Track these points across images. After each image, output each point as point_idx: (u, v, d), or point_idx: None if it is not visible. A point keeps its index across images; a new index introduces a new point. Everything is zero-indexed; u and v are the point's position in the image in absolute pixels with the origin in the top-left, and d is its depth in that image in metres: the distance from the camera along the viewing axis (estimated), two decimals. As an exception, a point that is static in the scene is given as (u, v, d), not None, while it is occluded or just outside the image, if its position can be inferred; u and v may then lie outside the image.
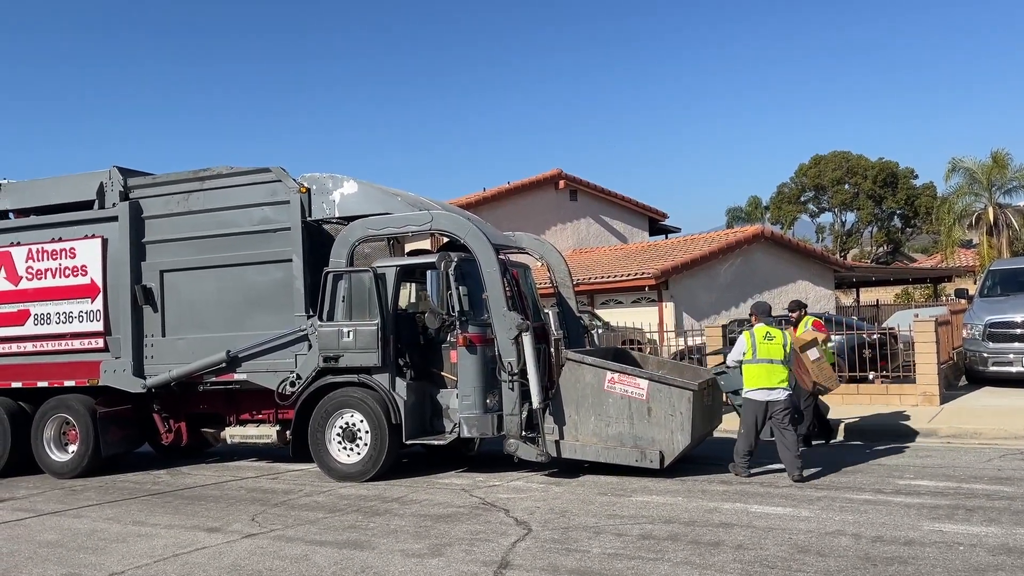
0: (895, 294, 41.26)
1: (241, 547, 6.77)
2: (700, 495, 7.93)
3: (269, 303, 10.00)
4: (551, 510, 7.53)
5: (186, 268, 10.43)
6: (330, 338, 9.45)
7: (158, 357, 10.47)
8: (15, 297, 10.98)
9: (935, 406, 12.48)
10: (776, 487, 8.17)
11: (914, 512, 6.92)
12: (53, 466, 10.75)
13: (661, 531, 6.63)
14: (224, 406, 10.75)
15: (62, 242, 10.84)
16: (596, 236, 27.44)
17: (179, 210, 10.47)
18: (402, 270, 9.70)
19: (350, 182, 10.00)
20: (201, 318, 10.35)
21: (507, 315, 8.91)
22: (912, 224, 50.78)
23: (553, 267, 11.12)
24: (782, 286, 22.86)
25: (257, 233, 10.11)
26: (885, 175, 48.52)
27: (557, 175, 26.09)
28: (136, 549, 6.87)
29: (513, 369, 8.85)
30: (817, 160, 50.47)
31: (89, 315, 10.67)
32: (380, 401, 9.27)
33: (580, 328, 10.89)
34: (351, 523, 7.40)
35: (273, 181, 10.07)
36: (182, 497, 9.10)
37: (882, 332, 14.70)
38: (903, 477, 8.42)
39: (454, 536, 6.77)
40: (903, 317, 18.95)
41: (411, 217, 9.62)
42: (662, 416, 8.57)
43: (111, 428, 10.61)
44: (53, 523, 8.09)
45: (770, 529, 6.55)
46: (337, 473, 9.45)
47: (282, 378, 9.78)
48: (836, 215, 52.20)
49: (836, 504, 7.32)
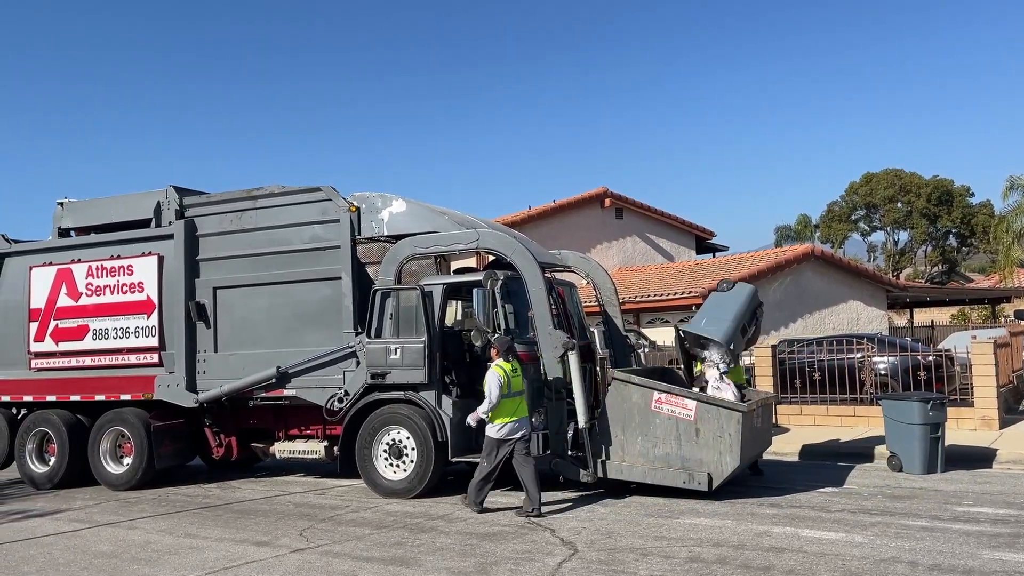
0: (951, 315, 40.17)
1: (290, 561, 6.84)
2: (749, 518, 7.79)
3: (318, 320, 10.14)
4: (597, 531, 7.47)
5: (238, 285, 10.64)
6: (378, 355, 9.54)
7: (210, 372, 10.68)
8: (75, 312, 11.31)
9: (994, 430, 12.09)
10: (828, 511, 7.98)
11: (973, 540, 6.71)
12: (109, 478, 11.00)
13: (710, 554, 6.53)
14: (273, 421, 10.90)
15: (120, 259, 11.14)
16: (642, 254, 27.27)
17: (232, 228, 10.70)
18: (449, 288, 9.76)
19: (398, 201, 10.12)
20: (252, 334, 10.53)
21: (553, 333, 8.90)
22: (968, 243, 49.54)
23: (599, 285, 11.08)
24: (833, 306, 22.43)
25: (307, 251, 10.28)
26: (940, 193, 47.49)
27: (603, 193, 26.03)
28: (188, 561, 6.99)
29: (559, 388, 8.82)
30: (869, 178, 49.62)
31: (145, 331, 10.94)
32: (426, 418, 9.31)
33: (626, 347, 10.83)
34: (397, 540, 7.43)
35: (323, 200, 10.24)
36: (232, 511, 9.23)
37: (937, 354, 14.32)
38: (961, 504, 8.17)
39: (500, 555, 6.75)
40: (960, 338, 18.42)
41: (458, 235, 9.68)
42: (710, 437, 8.46)
43: (164, 441, 10.83)
44: (108, 534, 8.27)
45: (822, 555, 6.40)
46: (383, 489, 9.50)
47: (330, 394, 9.89)
48: (888, 234, 51.21)
49: (891, 530, 7.12)
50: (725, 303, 9.68)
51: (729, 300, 9.70)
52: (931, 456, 9.96)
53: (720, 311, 9.53)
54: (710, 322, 9.39)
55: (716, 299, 9.85)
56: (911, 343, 17.53)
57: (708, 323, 9.41)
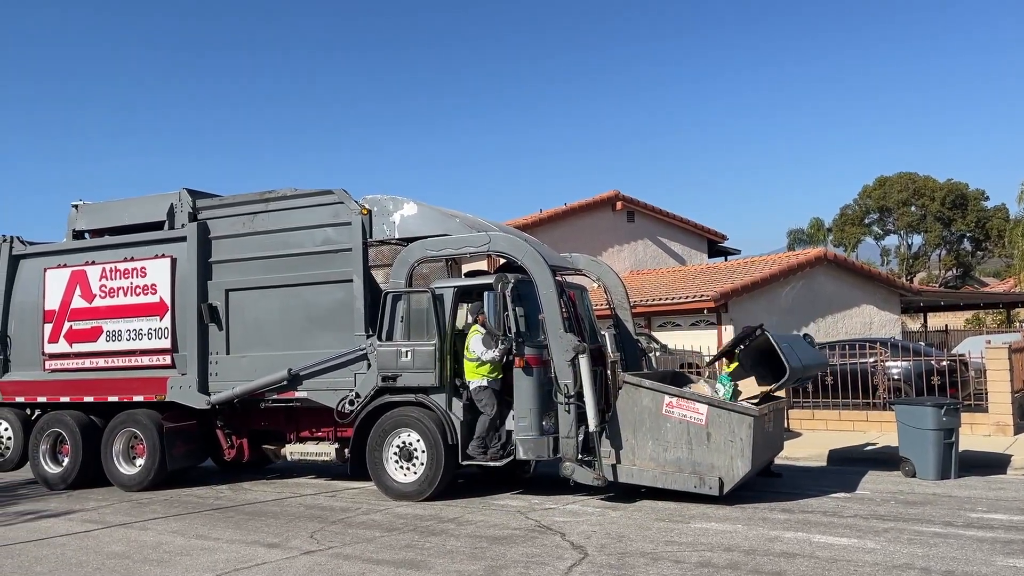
0: (965, 319, 39.90)
1: (300, 564, 6.86)
2: (761, 523, 7.75)
3: (330, 322, 10.17)
4: (607, 535, 7.45)
5: (250, 287, 10.67)
6: (388, 358, 9.55)
7: (222, 374, 10.72)
8: (89, 314, 11.38)
9: (1008, 436, 12.00)
10: (840, 516, 7.94)
11: (987, 546, 6.65)
12: (121, 479, 11.06)
13: (720, 559, 6.50)
14: (285, 423, 10.93)
15: (133, 261, 11.21)
16: (654, 258, 27.21)
17: (245, 231, 10.74)
18: (460, 291, 9.77)
19: (410, 204, 10.14)
20: (264, 336, 10.57)
21: (564, 337, 8.89)
22: (983, 247, 49.17)
23: (610, 289, 11.07)
24: (846, 310, 22.31)
25: (319, 254, 10.30)
26: (954, 196, 47.18)
27: (614, 196, 25.99)
28: (199, 563, 7.01)
29: (569, 391, 8.81)
30: (882, 181, 49.35)
31: (158, 332, 11.00)
32: (437, 421, 9.32)
33: (637, 351, 10.80)
34: (407, 542, 7.44)
35: (335, 203, 10.26)
36: (243, 512, 9.26)
37: (951, 359, 14.22)
38: (975, 510, 8.11)
39: (509, 558, 6.75)
40: (974, 343, 18.29)
41: (469, 239, 9.69)
42: (722, 442, 8.43)
43: (176, 443, 10.88)
44: (120, 535, 8.31)
45: (834, 560, 6.36)
46: (394, 492, 9.51)
47: (341, 396, 9.91)
48: (902, 238, 50.89)
49: (904, 536, 7.08)
50: (807, 351, 10.00)
51: (808, 352, 10.00)
52: (945, 462, 9.89)
53: (801, 352, 9.69)
54: (790, 352, 9.36)
55: (799, 341, 10.13)
56: (924, 348, 17.43)
57: (788, 351, 9.37)
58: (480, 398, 9.23)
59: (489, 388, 9.21)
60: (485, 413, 9.21)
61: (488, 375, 9.22)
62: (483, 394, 9.22)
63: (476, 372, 9.24)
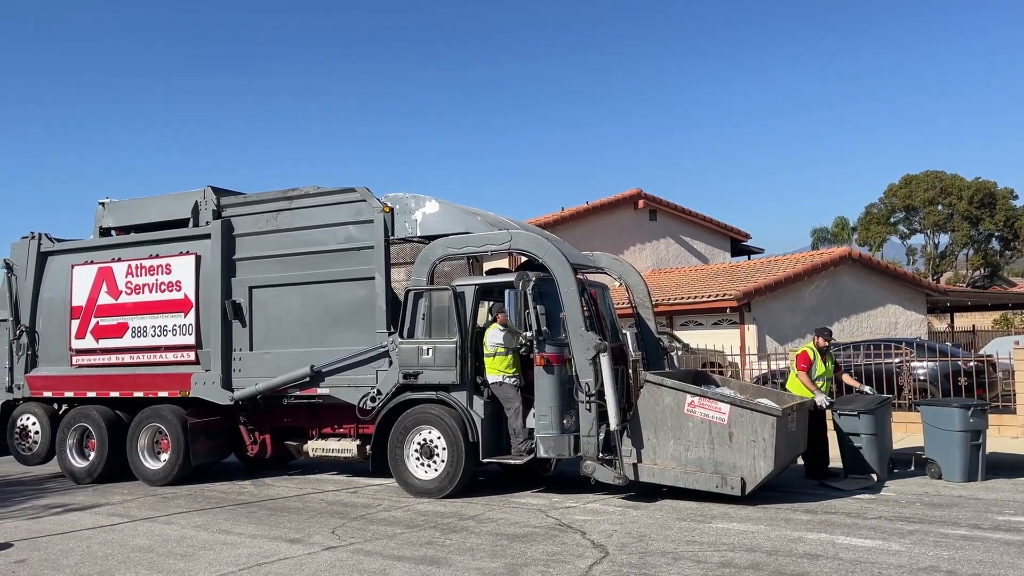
0: (993, 320, 39.34)
1: (322, 559, 6.90)
2: (783, 524, 7.69)
3: (352, 320, 10.22)
4: (628, 534, 7.43)
5: (274, 284, 10.76)
6: (410, 355, 9.58)
7: (246, 371, 10.81)
8: (115, 310, 11.53)
9: (1038, 438, 11.79)
10: (864, 518, 7.86)
11: (1015, 550, 6.55)
12: (146, 473, 11.19)
13: (742, 559, 6.45)
14: (307, 420, 11.00)
15: (159, 258, 11.33)
16: (676, 256, 27.08)
17: (268, 228, 10.82)
18: (481, 289, 9.78)
19: (431, 202, 10.17)
20: (287, 333, 10.64)
21: (585, 335, 8.87)
22: (1012, 247, 48.45)
23: (632, 287, 11.03)
24: (870, 310, 22.08)
25: (342, 251, 10.36)
26: (982, 195, 46.48)
27: (636, 195, 25.90)
28: (222, 557, 7.08)
29: (590, 390, 8.78)
30: (908, 180, 48.72)
31: (182, 329, 11.11)
32: (457, 418, 9.33)
33: (659, 349, 10.76)
34: (428, 539, 7.46)
35: (358, 201, 10.31)
36: (266, 508, 9.33)
37: (979, 359, 14.02)
38: (1003, 513, 7.99)
39: (530, 556, 6.74)
40: (1002, 344, 18.04)
41: (490, 237, 9.70)
42: (744, 441, 8.37)
43: (200, 438, 10.99)
44: (145, 529, 8.41)
45: (858, 562, 6.30)
46: (415, 489, 9.55)
47: (363, 393, 9.96)
48: (928, 237, 50.25)
49: (929, 538, 6.99)
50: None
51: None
52: (971, 464, 9.75)
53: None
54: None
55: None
56: (951, 348, 17.20)
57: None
58: (502, 393, 9.26)
59: (509, 384, 9.23)
60: (509, 407, 9.23)
61: (507, 371, 9.24)
62: (504, 389, 9.24)
63: (496, 368, 9.25)
